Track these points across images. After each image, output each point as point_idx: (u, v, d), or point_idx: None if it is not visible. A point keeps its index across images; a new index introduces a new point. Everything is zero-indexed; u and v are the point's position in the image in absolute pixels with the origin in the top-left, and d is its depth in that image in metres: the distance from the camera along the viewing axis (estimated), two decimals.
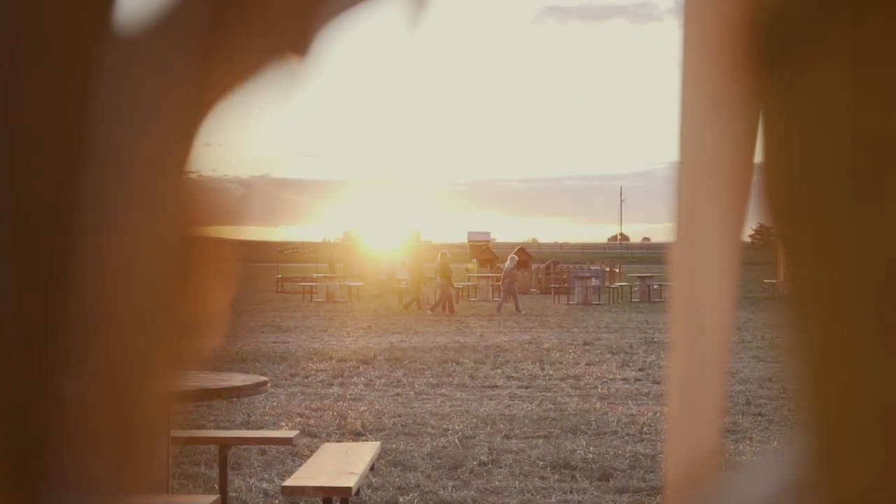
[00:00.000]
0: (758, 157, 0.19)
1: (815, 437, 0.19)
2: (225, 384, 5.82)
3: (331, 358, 15.50)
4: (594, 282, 32.32)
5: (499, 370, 14.33)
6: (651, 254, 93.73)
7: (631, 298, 32.56)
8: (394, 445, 8.93)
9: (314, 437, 9.26)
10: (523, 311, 26.37)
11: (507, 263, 28.85)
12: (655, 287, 31.40)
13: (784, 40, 0.19)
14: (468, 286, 34.38)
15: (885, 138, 0.19)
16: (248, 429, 9.34)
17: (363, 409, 11.00)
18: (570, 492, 7.53)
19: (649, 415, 10.55)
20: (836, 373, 0.18)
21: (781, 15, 0.19)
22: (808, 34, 0.19)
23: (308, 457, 6.78)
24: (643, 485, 7.70)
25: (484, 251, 45.92)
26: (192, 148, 0.28)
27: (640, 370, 14.31)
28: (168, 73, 0.28)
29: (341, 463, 5.95)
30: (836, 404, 0.18)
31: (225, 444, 6.50)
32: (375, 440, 8.21)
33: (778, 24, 0.19)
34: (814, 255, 0.18)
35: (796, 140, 0.18)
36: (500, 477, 7.92)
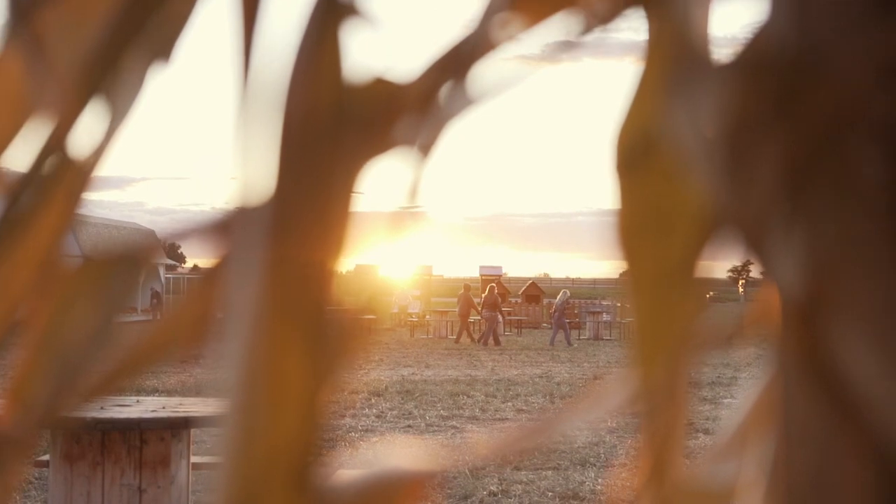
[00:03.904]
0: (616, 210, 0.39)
1: (638, 357, 0.38)
2: None
3: (342, 390, 15.60)
4: (605, 317, 32.49)
5: (509, 403, 14.46)
6: None
7: None
8: None
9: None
10: (572, 344, 26.63)
11: (558, 297, 29.19)
12: None
13: (634, 152, 0.39)
14: (478, 320, 34.53)
15: (677, 210, 0.37)
16: None
17: (374, 440, 11.14)
18: None
19: None
20: (650, 322, 0.37)
21: (634, 139, 0.39)
22: (647, 152, 0.38)
23: None
24: None
25: (496, 286, 46.02)
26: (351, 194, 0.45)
27: None
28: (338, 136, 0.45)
29: None
30: (650, 338, 0.37)
31: None
32: None
33: (631, 143, 0.39)
34: (639, 262, 0.37)
35: (635, 205, 0.37)
36: None
